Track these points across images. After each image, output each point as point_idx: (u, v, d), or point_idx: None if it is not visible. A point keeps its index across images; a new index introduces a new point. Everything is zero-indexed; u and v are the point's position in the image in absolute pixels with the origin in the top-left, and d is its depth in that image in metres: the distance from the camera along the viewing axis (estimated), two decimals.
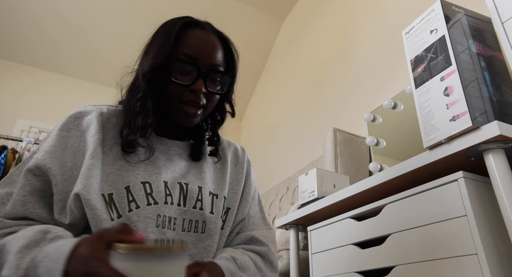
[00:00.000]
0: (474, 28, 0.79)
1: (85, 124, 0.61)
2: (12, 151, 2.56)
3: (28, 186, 0.54)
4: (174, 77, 0.61)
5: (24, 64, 3.34)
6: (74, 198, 0.53)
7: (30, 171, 0.55)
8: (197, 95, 0.62)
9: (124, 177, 0.59)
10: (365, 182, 0.91)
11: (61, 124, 0.61)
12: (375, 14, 2.02)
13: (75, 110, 0.63)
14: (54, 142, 0.58)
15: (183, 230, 0.61)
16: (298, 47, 2.98)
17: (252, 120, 3.71)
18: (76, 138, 0.59)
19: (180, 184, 0.64)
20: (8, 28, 3.04)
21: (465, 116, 0.68)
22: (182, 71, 0.62)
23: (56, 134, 0.59)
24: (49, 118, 3.22)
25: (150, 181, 0.61)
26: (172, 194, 0.62)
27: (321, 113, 2.34)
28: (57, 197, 0.55)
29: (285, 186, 2.28)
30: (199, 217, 0.64)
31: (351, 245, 0.92)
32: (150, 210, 0.58)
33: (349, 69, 2.15)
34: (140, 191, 0.59)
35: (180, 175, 0.66)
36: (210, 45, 0.65)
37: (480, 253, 0.60)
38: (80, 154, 0.58)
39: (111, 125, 0.63)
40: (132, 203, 0.57)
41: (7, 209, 0.53)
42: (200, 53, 0.63)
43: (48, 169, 0.55)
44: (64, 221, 0.54)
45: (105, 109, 0.65)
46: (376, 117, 1.65)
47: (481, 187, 0.68)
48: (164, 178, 0.63)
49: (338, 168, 1.56)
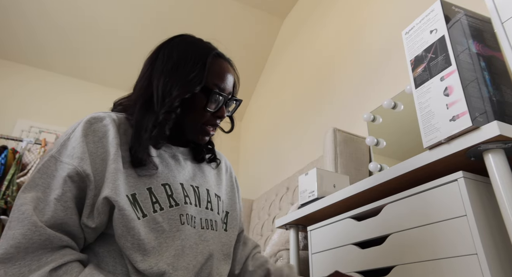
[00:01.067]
0: (474, 28, 0.79)
1: (101, 130, 0.62)
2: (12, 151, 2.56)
3: (69, 193, 0.55)
4: (209, 106, 0.69)
5: (24, 64, 3.34)
6: (103, 202, 0.56)
7: (70, 177, 0.56)
8: (220, 120, 0.72)
9: (144, 179, 0.62)
10: (365, 182, 0.91)
11: (81, 131, 0.61)
12: (375, 14, 2.02)
13: (89, 116, 0.64)
14: (83, 149, 0.59)
15: (202, 228, 0.67)
16: (298, 47, 2.98)
17: (252, 120, 3.71)
18: (94, 144, 0.60)
19: (192, 187, 0.69)
20: (9, 28, 3.04)
21: (465, 116, 0.68)
22: (213, 101, 0.69)
23: (81, 141, 0.59)
24: (49, 118, 3.22)
25: (169, 183, 0.65)
26: (189, 195, 0.67)
27: (321, 113, 2.34)
28: (88, 201, 0.57)
29: (285, 186, 2.28)
30: (212, 217, 0.70)
31: (351, 245, 0.92)
32: (173, 212, 0.62)
33: (349, 68, 2.15)
34: (162, 193, 0.62)
35: (190, 178, 0.71)
36: (232, 76, 0.74)
37: (480, 253, 0.60)
38: (99, 160, 0.59)
39: (122, 131, 0.65)
40: (156, 204, 0.61)
41: (49, 214, 0.53)
42: (226, 84, 0.72)
43: (88, 175, 0.56)
44: (91, 224, 0.56)
45: (115, 116, 0.66)
46: (376, 117, 1.65)
47: (481, 187, 0.68)
48: (180, 180, 0.67)
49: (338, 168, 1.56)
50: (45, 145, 2.65)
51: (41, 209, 0.53)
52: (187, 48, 0.71)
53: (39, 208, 0.53)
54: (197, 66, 0.68)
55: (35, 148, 2.68)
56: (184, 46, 0.71)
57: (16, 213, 0.52)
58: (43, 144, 2.64)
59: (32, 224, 0.51)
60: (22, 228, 0.50)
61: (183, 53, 0.70)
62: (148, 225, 0.59)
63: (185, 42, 0.73)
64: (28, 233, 0.50)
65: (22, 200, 0.53)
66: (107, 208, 0.57)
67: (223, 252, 0.71)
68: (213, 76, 0.70)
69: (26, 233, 0.50)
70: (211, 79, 0.69)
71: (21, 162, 2.49)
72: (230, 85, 0.73)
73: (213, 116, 0.70)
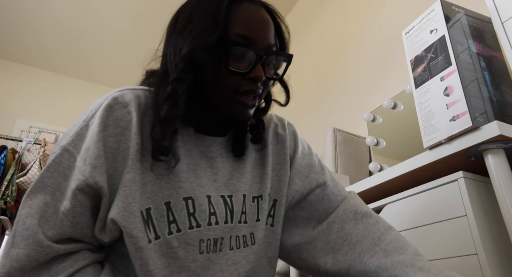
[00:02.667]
0: (474, 28, 0.79)
1: (123, 119, 0.50)
2: (12, 151, 2.56)
3: (78, 207, 0.48)
4: (231, 64, 0.51)
5: (24, 64, 3.34)
6: (111, 222, 0.48)
7: (80, 190, 0.47)
8: (256, 84, 0.53)
9: (163, 189, 0.51)
10: (365, 182, 0.91)
11: (99, 123, 0.49)
12: (375, 14, 2.02)
13: (111, 98, 0.51)
14: (99, 152, 0.48)
15: (231, 249, 0.54)
16: (298, 47, 2.98)
17: None
18: (115, 136, 0.50)
19: (223, 198, 0.56)
20: (9, 28, 3.04)
21: (465, 116, 0.68)
22: (238, 57, 0.51)
23: (98, 139, 0.49)
24: (49, 118, 3.22)
25: (193, 197, 0.52)
26: (216, 212, 0.54)
27: (321, 113, 2.34)
28: (102, 214, 0.49)
29: None
30: (246, 231, 0.56)
31: None
32: (192, 235, 0.51)
33: (349, 69, 2.15)
34: (182, 210, 0.51)
35: (223, 184, 0.57)
36: (266, 22, 0.55)
37: (480, 253, 0.60)
38: (120, 157, 0.49)
39: (148, 119, 0.52)
40: (172, 224, 0.50)
41: (55, 230, 0.47)
42: (256, 33, 0.52)
43: (100, 188, 0.48)
44: (104, 238, 0.50)
45: (143, 98, 0.54)
46: (376, 117, 1.65)
47: (481, 187, 0.67)
48: (207, 191, 0.54)
49: (338, 168, 1.56)
50: (44, 145, 2.65)
51: (48, 218, 0.47)
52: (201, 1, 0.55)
53: (45, 216, 0.47)
54: (211, 13, 0.51)
55: (34, 148, 2.68)
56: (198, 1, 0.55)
57: (20, 227, 0.46)
58: (42, 144, 2.64)
59: (37, 244, 0.45)
60: (27, 248, 0.44)
61: (196, 3, 0.55)
62: (160, 249, 0.49)
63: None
64: (34, 254, 0.45)
65: (27, 210, 0.47)
66: (117, 227, 0.49)
67: (267, 255, 0.59)
68: (236, 25, 0.51)
69: (31, 254, 0.45)
70: (233, 28, 0.51)
71: (21, 162, 2.49)
72: (265, 36, 0.53)
73: (246, 79, 0.52)
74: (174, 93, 0.50)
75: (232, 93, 0.53)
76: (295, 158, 0.66)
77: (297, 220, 0.63)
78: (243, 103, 0.53)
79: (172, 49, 0.53)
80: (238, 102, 0.53)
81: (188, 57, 0.50)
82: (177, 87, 0.50)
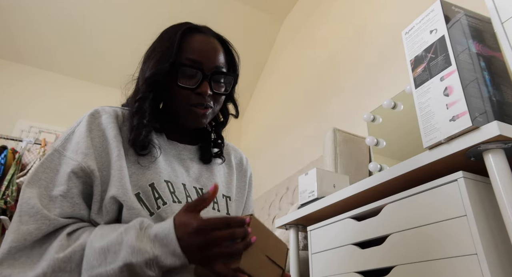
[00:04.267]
0: (474, 28, 0.79)
1: (104, 123, 0.62)
2: (12, 151, 2.56)
3: (74, 189, 0.55)
4: (180, 81, 0.63)
5: (24, 64, 3.34)
6: (110, 200, 0.55)
7: (74, 173, 0.56)
8: (204, 97, 0.65)
9: (146, 175, 0.61)
10: (365, 182, 0.91)
11: (86, 125, 0.61)
12: (375, 14, 2.02)
13: (93, 109, 0.64)
14: (88, 144, 0.58)
15: None
16: (298, 47, 2.98)
17: (252, 120, 3.71)
18: (99, 138, 0.60)
19: (195, 189, 0.67)
20: (9, 29, 3.04)
21: (465, 116, 0.68)
22: (187, 76, 0.64)
23: (86, 136, 0.59)
24: (49, 118, 3.22)
25: (171, 181, 0.63)
26: (191, 196, 0.65)
27: (321, 113, 2.34)
28: (96, 197, 0.57)
29: (285, 186, 2.28)
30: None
31: (351, 245, 0.92)
32: (176, 207, 0.60)
33: (349, 69, 2.15)
34: (165, 188, 0.61)
35: (194, 179, 0.68)
36: (212, 48, 0.67)
37: (480, 253, 0.60)
38: (105, 154, 0.59)
39: (126, 128, 0.64)
40: (158, 200, 0.59)
41: (57, 211, 0.53)
42: (203, 56, 0.65)
43: (93, 171, 0.56)
44: (100, 221, 0.56)
45: (120, 112, 0.66)
46: (376, 117, 1.65)
47: (481, 187, 0.68)
48: (181, 180, 0.65)
49: (338, 168, 1.56)
50: (45, 145, 2.65)
51: (45, 205, 0.53)
52: (165, 31, 0.70)
53: (43, 204, 0.53)
54: (167, 44, 0.65)
55: (35, 148, 2.68)
56: (161, 34, 0.70)
57: (25, 207, 0.52)
58: (43, 144, 2.64)
59: (45, 217, 0.52)
60: (36, 223, 0.51)
61: (159, 41, 0.69)
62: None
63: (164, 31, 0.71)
64: (43, 227, 0.51)
65: (29, 194, 0.53)
66: (115, 206, 0.56)
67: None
68: (186, 51, 0.65)
69: (41, 227, 0.51)
70: (184, 54, 0.65)
71: (21, 162, 2.49)
72: (212, 59, 0.66)
73: (195, 93, 0.64)
74: (139, 108, 0.64)
75: (186, 105, 0.65)
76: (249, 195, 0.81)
77: None
78: (195, 113, 0.65)
79: (140, 74, 0.68)
80: (191, 113, 0.65)
81: (149, 80, 0.64)
82: (141, 104, 0.64)
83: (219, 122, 0.78)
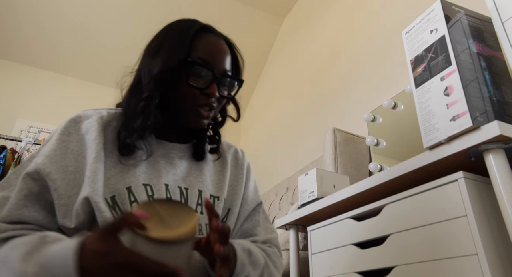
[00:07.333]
0: (474, 28, 0.79)
1: (84, 128, 0.61)
2: (11, 151, 2.56)
3: (25, 190, 0.53)
4: (191, 80, 0.62)
5: (24, 64, 3.34)
6: (83, 202, 0.53)
7: (28, 175, 0.54)
8: (211, 99, 0.64)
9: (125, 178, 0.59)
10: (365, 182, 0.91)
11: (62, 129, 0.60)
12: (375, 14, 2.02)
13: (75, 114, 0.62)
14: (54, 146, 0.57)
15: None
16: (297, 47, 2.98)
17: (252, 120, 3.71)
18: (77, 142, 0.59)
19: (180, 189, 0.65)
20: (8, 28, 3.03)
21: (465, 116, 0.67)
22: (197, 75, 0.63)
23: (56, 139, 0.58)
24: (48, 118, 3.21)
25: (151, 184, 0.61)
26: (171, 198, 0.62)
27: (321, 113, 2.34)
28: (59, 201, 0.54)
29: (285, 186, 2.28)
30: (201, 221, 0.63)
31: (351, 245, 0.92)
32: None
33: (349, 69, 2.15)
34: (142, 192, 0.59)
35: (181, 178, 0.66)
36: (223, 50, 0.67)
37: (480, 253, 0.60)
38: (81, 157, 0.58)
39: (111, 128, 0.63)
40: (134, 203, 0.57)
41: (4, 213, 0.52)
42: (214, 58, 0.65)
43: (48, 174, 0.54)
44: (70, 225, 0.54)
45: (105, 113, 0.64)
46: (376, 117, 1.65)
47: (481, 187, 0.67)
48: (165, 181, 0.63)
49: (338, 168, 1.56)
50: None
51: (1, 207, 0.53)
52: (173, 26, 0.68)
53: (1, 206, 0.52)
54: (179, 39, 0.63)
55: (34, 148, 2.68)
56: (170, 27, 0.68)
57: None
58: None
59: None
60: None
61: (168, 32, 0.67)
62: None
63: (172, 23, 0.69)
64: None
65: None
66: (87, 208, 0.54)
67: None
68: (198, 51, 0.63)
69: None
70: (196, 53, 0.63)
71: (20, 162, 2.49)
72: (222, 62, 0.66)
73: (203, 95, 0.63)
74: (146, 109, 0.61)
75: (192, 105, 0.63)
76: (247, 186, 0.77)
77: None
78: (200, 113, 0.64)
79: (146, 70, 0.64)
80: (196, 113, 0.64)
81: (158, 77, 0.61)
82: (149, 103, 0.61)
83: (217, 121, 0.77)
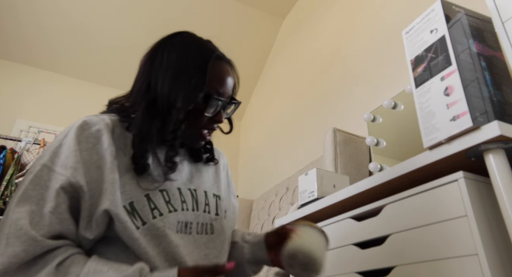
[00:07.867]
0: (475, 27, 0.78)
1: (93, 136, 0.60)
2: (11, 151, 2.56)
3: (63, 204, 0.55)
4: (207, 111, 0.67)
5: (23, 64, 3.34)
6: (103, 214, 0.56)
7: (63, 189, 0.55)
8: (216, 124, 0.70)
9: (142, 185, 0.61)
10: (365, 182, 0.91)
11: (73, 138, 0.59)
12: (375, 14, 2.02)
13: (81, 121, 0.62)
14: (77, 158, 0.57)
15: (197, 233, 0.66)
16: (297, 47, 2.98)
17: (252, 120, 3.70)
18: (88, 151, 0.59)
19: (190, 191, 0.68)
20: (8, 28, 3.03)
21: (465, 116, 0.67)
22: (211, 105, 0.67)
23: (75, 149, 0.58)
24: (48, 118, 3.21)
25: (166, 189, 0.64)
26: (186, 201, 0.66)
27: (321, 113, 2.34)
28: (84, 213, 0.56)
29: (285, 186, 2.28)
30: (208, 220, 0.69)
31: (351, 245, 0.92)
32: (171, 217, 0.62)
33: (349, 69, 2.15)
34: (160, 199, 0.62)
35: (187, 180, 0.70)
36: (231, 79, 0.72)
37: (480, 253, 0.60)
38: (93, 167, 0.58)
39: (116, 135, 0.63)
40: (155, 210, 0.60)
41: (45, 229, 0.53)
42: (226, 87, 0.69)
43: (81, 186, 0.56)
44: (89, 236, 0.56)
45: (108, 120, 0.64)
46: (376, 117, 1.65)
47: (482, 187, 0.67)
48: (177, 185, 0.67)
49: (338, 168, 1.56)
50: (44, 145, 2.64)
51: (37, 223, 0.52)
52: (188, 50, 0.68)
53: (34, 222, 0.52)
54: (198, 71, 0.65)
55: (34, 148, 2.68)
56: (183, 47, 0.68)
57: (13, 229, 0.51)
58: (42, 144, 2.64)
59: (32, 239, 0.51)
60: (23, 245, 0.50)
61: (183, 56, 0.67)
62: (149, 233, 0.58)
63: (185, 42, 0.69)
64: (30, 249, 0.50)
65: (18, 214, 0.52)
66: (106, 219, 0.57)
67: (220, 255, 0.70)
68: (213, 81, 0.67)
69: (28, 249, 0.50)
70: (211, 83, 0.66)
71: (20, 162, 2.49)
72: (230, 88, 0.71)
73: (211, 121, 0.69)
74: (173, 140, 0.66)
75: (196, 128, 0.68)
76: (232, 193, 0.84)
77: None
78: (203, 136, 0.70)
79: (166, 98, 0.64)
80: (200, 136, 0.70)
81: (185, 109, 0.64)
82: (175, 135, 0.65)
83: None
